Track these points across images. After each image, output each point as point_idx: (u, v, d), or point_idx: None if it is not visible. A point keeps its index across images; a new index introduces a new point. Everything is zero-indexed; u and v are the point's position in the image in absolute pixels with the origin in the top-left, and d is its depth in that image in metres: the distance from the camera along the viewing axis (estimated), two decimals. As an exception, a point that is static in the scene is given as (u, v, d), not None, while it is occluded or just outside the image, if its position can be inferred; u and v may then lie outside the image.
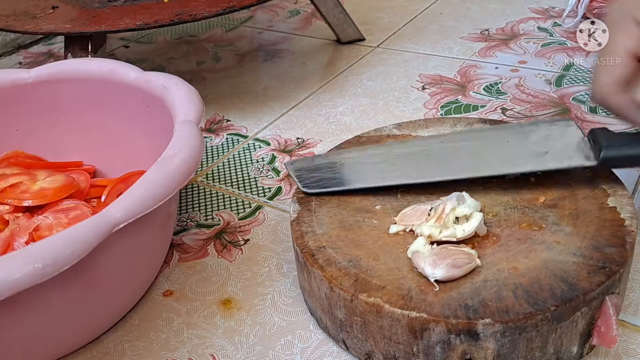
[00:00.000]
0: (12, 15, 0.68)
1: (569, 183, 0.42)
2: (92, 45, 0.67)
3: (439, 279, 0.35)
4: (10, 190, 0.49)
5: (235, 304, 0.44)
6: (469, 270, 0.36)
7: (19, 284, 0.31)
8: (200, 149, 0.42)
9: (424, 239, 0.38)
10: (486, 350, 0.33)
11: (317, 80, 0.75)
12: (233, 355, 0.40)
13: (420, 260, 0.36)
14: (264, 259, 0.48)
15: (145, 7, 0.65)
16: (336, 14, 0.81)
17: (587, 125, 0.59)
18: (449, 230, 0.38)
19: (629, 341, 0.38)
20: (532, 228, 0.39)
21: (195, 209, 0.55)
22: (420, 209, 0.40)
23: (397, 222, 0.41)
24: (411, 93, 0.69)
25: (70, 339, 0.41)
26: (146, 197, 0.37)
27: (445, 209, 0.39)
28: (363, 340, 0.37)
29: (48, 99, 0.56)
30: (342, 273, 0.37)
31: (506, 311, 0.33)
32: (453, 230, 0.38)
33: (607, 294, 0.34)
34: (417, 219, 0.40)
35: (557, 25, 0.82)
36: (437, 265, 0.35)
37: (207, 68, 0.82)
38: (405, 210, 0.41)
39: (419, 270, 0.36)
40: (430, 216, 0.39)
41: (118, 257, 0.39)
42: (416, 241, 0.38)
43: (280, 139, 0.64)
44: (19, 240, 0.45)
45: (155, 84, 0.50)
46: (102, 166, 0.57)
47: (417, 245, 0.38)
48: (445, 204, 0.39)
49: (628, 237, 0.37)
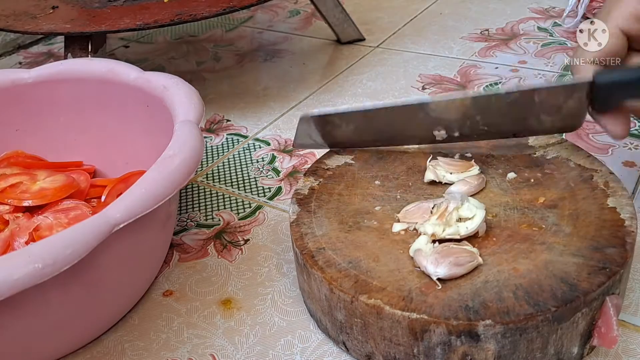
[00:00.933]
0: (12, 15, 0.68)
1: (569, 183, 0.42)
2: (92, 45, 0.67)
3: (442, 277, 0.35)
4: (10, 190, 0.49)
5: (235, 304, 0.44)
6: (471, 268, 0.36)
7: (19, 284, 0.31)
8: (200, 149, 0.42)
9: (427, 237, 0.38)
10: (487, 351, 0.33)
11: (317, 80, 0.75)
12: (233, 355, 0.40)
13: (422, 259, 0.36)
14: (264, 259, 0.48)
15: (145, 7, 0.65)
16: (336, 14, 0.81)
17: (587, 124, 0.59)
18: (452, 228, 0.38)
19: (629, 341, 0.38)
20: (532, 229, 0.39)
21: (195, 209, 0.55)
22: (423, 206, 0.41)
23: (400, 219, 0.41)
24: (411, 93, 0.69)
25: (70, 339, 0.41)
26: (146, 197, 0.37)
27: (448, 207, 0.39)
28: (363, 341, 0.37)
29: (48, 99, 0.56)
30: (342, 274, 0.37)
31: (507, 312, 0.33)
32: (456, 227, 0.38)
33: (608, 295, 0.34)
34: (420, 216, 0.40)
35: (557, 25, 0.82)
36: (439, 264, 0.35)
37: (207, 68, 0.82)
38: (408, 207, 0.41)
39: (421, 269, 0.36)
40: (433, 213, 0.39)
41: (118, 257, 0.39)
42: (419, 239, 0.38)
43: (280, 139, 0.64)
44: (19, 240, 0.45)
45: (155, 84, 0.50)
46: (102, 166, 0.57)
47: (420, 243, 0.38)
48: (449, 202, 0.39)
49: (628, 237, 0.37)
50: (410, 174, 0.45)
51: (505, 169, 0.45)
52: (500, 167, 0.45)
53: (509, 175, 0.44)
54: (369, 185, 0.45)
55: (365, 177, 0.46)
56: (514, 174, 0.44)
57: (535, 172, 0.44)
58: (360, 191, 0.44)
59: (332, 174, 0.46)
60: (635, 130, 0.58)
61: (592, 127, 0.59)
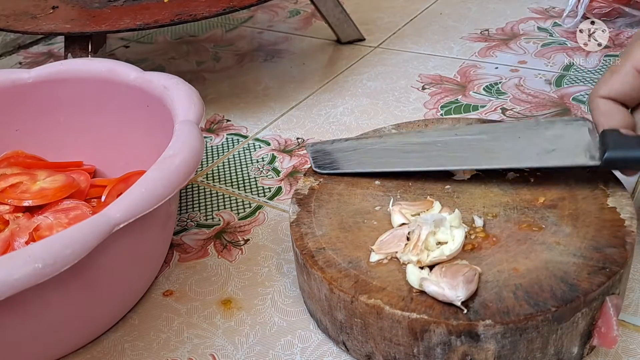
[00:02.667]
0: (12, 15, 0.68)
1: (569, 184, 0.42)
2: (92, 45, 0.67)
3: (463, 299, 0.33)
4: (10, 190, 0.49)
5: (235, 304, 0.44)
6: (478, 280, 0.35)
7: (19, 284, 0.31)
8: (201, 149, 0.42)
9: (414, 265, 0.36)
10: (487, 351, 0.33)
11: (317, 80, 0.75)
12: (233, 355, 0.40)
13: (434, 287, 0.34)
14: (264, 259, 0.48)
15: (145, 7, 0.65)
16: (336, 14, 0.81)
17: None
18: (437, 251, 0.37)
19: (629, 341, 0.38)
20: (532, 229, 0.39)
21: (195, 209, 0.55)
22: (398, 234, 0.39)
23: (375, 250, 0.38)
24: (411, 93, 0.69)
25: (70, 339, 0.41)
26: (146, 197, 0.37)
27: (421, 235, 0.37)
28: (363, 342, 0.37)
29: (48, 99, 0.56)
30: (342, 274, 0.37)
31: (507, 312, 0.33)
32: (441, 250, 0.37)
33: (608, 295, 0.34)
34: (396, 245, 0.38)
35: (557, 25, 0.82)
36: (455, 287, 0.33)
37: (207, 68, 0.82)
38: (382, 237, 0.39)
39: (437, 298, 0.34)
40: (409, 242, 0.38)
41: (118, 257, 0.39)
42: (409, 269, 0.36)
43: (280, 139, 0.64)
44: (19, 240, 0.45)
45: (156, 84, 0.50)
46: (102, 166, 0.57)
47: (414, 272, 0.36)
48: (421, 229, 0.38)
49: (628, 237, 0.37)
50: (410, 173, 0.45)
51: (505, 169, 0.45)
52: (500, 167, 0.45)
53: (508, 175, 0.44)
54: (369, 185, 0.45)
55: (365, 177, 0.46)
56: (514, 173, 0.44)
57: (535, 172, 0.44)
58: (360, 191, 0.44)
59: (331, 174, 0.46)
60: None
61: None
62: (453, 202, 0.42)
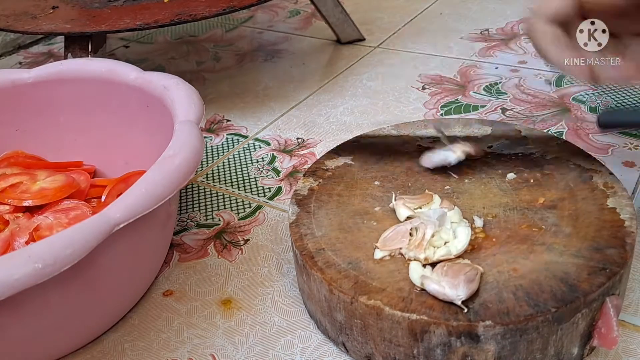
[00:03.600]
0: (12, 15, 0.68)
1: (569, 184, 0.42)
2: (92, 45, 0.66)
3: (464, 298, 0.33)
4: (10, 190, 0.49)
5: (235, 304, 0.44)
6: (479, 280, 0.35)
7: (19, 284, 0.31)
8: (201, 149, 0.42)
9: (419, 262, 0.36)
10: (487, 352, 0.33)
11: (317, 80, 0.75)
12: (233, 355, 0.40)
13: (435, 285, 0.34)
14: (264, 259, 0.48)
15: (145, 7, 0.65)
16: (336, 14, 0.81)
17: (587, 125, 0.59)
18: (444, 249, 0.37)
19: (629, 341, 0.38)
20: (532, 229, 0.39)
21: (195, 209, 0.55)
22: (400, 230, 0.39)
23: (380, 247, 0.39)
24: (411, 93, 0.69)
25: (70, 339, 0.41)
26: (146, 197, 0.37)
27: (425, 234, 0.37)
28: (363, 342, 0.37)
29: (48, 99, 0.56)
30: (342, 275, 0.37)
31: (507, 313, 0.33)
32: (447, 249, 0.37)
33: (608, 295, 0.34)
34: (400, 241, 0.38)
35: (557, 25, 0.82)
36: (456, 286, 0.34)
37: (207, 68, 0.82)
38: (386, 233, 0.39)
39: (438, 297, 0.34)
40: (412, 239, 0.38)
41: (118, 257, 0.39)
42: (413, 266, 0.36)
43: (280, 139, 0.64)
44: (19, 240, 0.45)
45: (156, 84, 0.50)
46: (102, 166, 0.57)
47: (417, 270, 0.36)
48: (426, 228, 0.38)
49: (628, 238, 0.37)
50: (409, 174, 0.45)
51: (504, 170, 0.45)
52: (499, 168, 0.45)
53: (508, 176, 0.44)
54: (368, 185, 0.45)
55: (365, 178, 0.46)
56: (513, 174, 0.44)
57: (535, 172, 0.44)
58: (359, 192, 0.44)
59: (331, 175, 0.46)
60: (635, 131, 0.58)
61: (592, 127, 0.59)
62: (453, 202, 0.42)
